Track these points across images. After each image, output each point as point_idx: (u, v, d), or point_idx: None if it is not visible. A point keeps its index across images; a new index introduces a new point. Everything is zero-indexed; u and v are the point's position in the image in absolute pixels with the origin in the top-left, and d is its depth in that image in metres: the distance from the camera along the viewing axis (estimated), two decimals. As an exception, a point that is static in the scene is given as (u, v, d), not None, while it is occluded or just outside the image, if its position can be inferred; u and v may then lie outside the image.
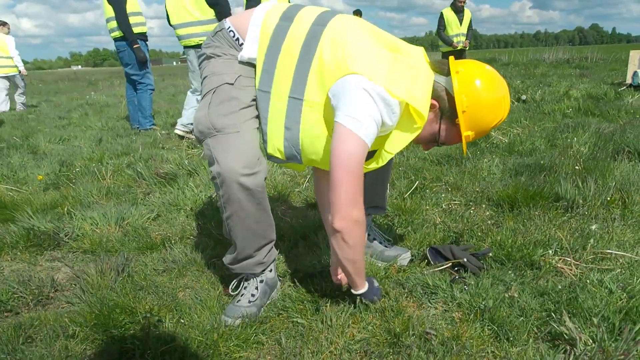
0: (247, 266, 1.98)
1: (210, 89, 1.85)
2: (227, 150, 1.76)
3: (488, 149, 4.43)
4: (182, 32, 5.50)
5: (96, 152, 5.13)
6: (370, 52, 1.66)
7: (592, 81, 10.01)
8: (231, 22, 1.90)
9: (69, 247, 2.70)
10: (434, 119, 1.77)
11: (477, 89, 1.69)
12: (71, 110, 9.85)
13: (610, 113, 5.90)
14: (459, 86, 1.69)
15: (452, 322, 1.83)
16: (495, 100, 1.71)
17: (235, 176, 1.73)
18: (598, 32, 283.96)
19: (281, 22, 1.81)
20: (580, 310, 1.78)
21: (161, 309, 1.97)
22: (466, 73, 1.70)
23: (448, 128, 1.78)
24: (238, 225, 1.87)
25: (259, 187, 1.80)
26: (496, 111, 1.72)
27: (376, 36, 1.74)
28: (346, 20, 1.77)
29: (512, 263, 2.21)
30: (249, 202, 1.80)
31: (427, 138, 1.83)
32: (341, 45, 1.66)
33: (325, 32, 1.71)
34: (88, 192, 3.55)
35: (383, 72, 1.62)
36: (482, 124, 1.74)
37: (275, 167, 4.01)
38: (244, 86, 1.84)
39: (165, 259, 2.46)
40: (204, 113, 1.83)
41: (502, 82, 1.75)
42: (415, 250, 2.42)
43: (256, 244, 1.93)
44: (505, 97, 1.74)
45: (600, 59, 17.06)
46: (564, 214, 2.76)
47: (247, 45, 1.84)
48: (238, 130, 1.79)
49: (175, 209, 3.23)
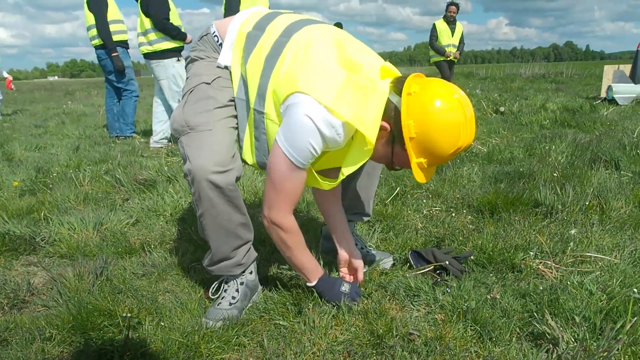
0: (225, 268, 1.96)
1: (189, 89, 1.89)
2: (199, 147, 1.77)
3: (468, 157, 4.47)
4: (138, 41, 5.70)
5: (73, 159, 5.04)
6: (323, 69, 1.62)
7: (568, 95, 10.22)
8: (216, 26, 1.93)
9: (46, 252, 2.64)
10: (387, 141, 1.68)
11: (427, 115, 1.55)
12: (47, 119, 9.68)
13: (587, 125, 6.01)
14: (407, 111, 1.57)
15: (435, 323, 1.83)
16: (451, 128, 1.55)
17: (204, 174, 1.73)
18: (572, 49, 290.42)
19: (254, 31, 1.82)
20: (562, 311, 1.79)
21: (141, 311, 1.93)
22: (420, 95, 1.57)
23: (400, 152, 1.66)
24: (210, 223, 1.86)
25: (230, 185, 1.79)
26: (452, 140, 1.57)
27: (339, 51, 1.69)
28: (312, 33, 1.75)
29: (494, 266, 2.23)
30: (219, 200, 1.79)
31: (383, 159, 1.76)
32: (297, 60, 1.66)
33: (288, 45, 1.71)
34: (65, 197, 3.49)
35: (331, 92, 1.57)
36: (436, 151, 1.59)
37: (256, 174, 3.98)
38: (221, 87, 1.86)
39: (144, 263, 2.42)
40: (179, 111, 1.85)
41: (463, 108, 1.56)
42: (398, 254, 2.42)
43: (231, 244, 1.91)
44: (466, 124, 1.56)
45: (575, 74, 17.44)
46: (544, 219, 2.79)
47: (223, 52, 1.88)
48: (211, 129, 1.80)
49: (155, 215, 3.18)
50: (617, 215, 2.79)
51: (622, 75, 9.44)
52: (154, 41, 5.59)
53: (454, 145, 1.57)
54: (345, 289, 1.93)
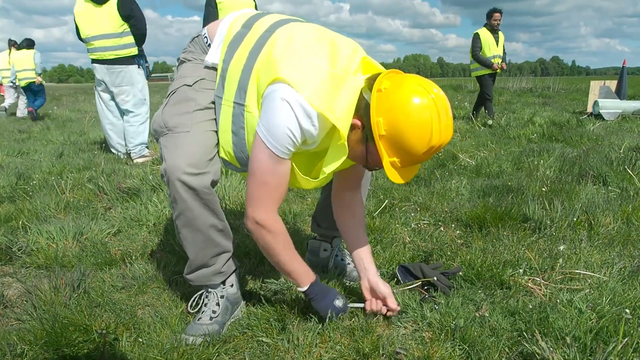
0: (204, 276, 1.91)
1: (171, 90, 1.90)
2: (175, 148, 1.76)
3: (456, 170, 4.46)
4: (93, 44, 5.38)
5: (56, 165, 4.95)
6: (304, 60, 1.61)
7: (555, 109, 10.31)
8: (207, 28, 1.94)
9: (22, 262, 2.56)
10: (360, 139, 1.64)
11: (396, 112, 1.50)
12: (32, 124, 9.55)
13: (574, 139, 6.04)
14: (377, 107, 1.53)
15: (422, 341, 1.78)
16: (420, 126, 1.49)
17: (177, 174, 1.71)
18: (559, 64, 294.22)
19: (241, 30, 1.82)
20: (552, 330, 1.75)
21: (118, 326, 1.86)
22: (389, 92, 1.53)
23: (373, 151, 1.61)
24: (186, 226, 1.82)
25: (205, 188, 1.76)
26: (422, 137, 1.50)
27: (320, 45, 1.68)
28: (296, 28, 1.74)
29: (482, 282, 2.19)
30: (195, 203, 1.76)
31: (359, 159, 1.71)
32: (280, 50, 1.64)
33: (272, 38, 1.71)
34: (45, 205, 3.40)
35: (310, 82, 1.55)
36: (407, 150, 1.54)
37: (242, 184, 3.93)
38: (203, 89, 1.86)
39: (124, 275, 2.35)
40: (159, 112, 1.87)
41: (436, 106, 1.50)
42: (385, 269, 2.37)
43: (209, 250, 1.87)
44: (436, 121, 1.50)
45: (561, 89, 17.66)
46: (532, 234, 2.76)
47: (211, 51, 1.88)
48: (188, 130, 1.79)
49: (137, 225, 3.11)
50: (605, 232, 2.77)
51: (608, 91, 9.55)
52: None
53: (426, 144, 1.52)
54: (338, 304, 1.85)
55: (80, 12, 5.31)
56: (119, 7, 5.22)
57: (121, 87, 5.54)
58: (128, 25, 5.35)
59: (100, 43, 5.35)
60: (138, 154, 5.68)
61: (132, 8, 5.30)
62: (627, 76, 9.79)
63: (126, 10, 5.25)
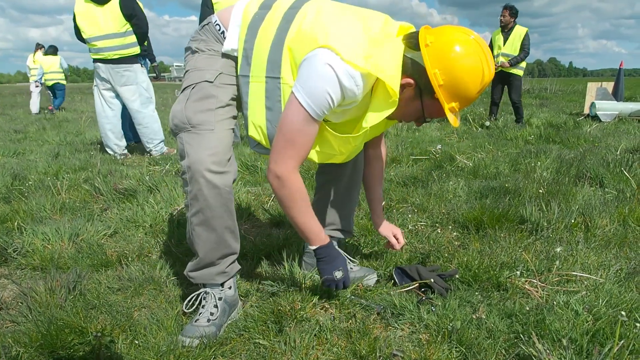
0: (209, 275, 1.92)
1: (190, 84, 1.86)
2: (199, 145, 1.77)
3: (453, 172, 4.46)
4: (96, 45, 5.41)
5: (52, 166, 4.93)
6: (340, 25, 1.65)
7: (552, 111, 10.34)
8: (218, 15, 1.92)
9: (18, 264, 2.54)
10: (414, 96, 1.72)
11: (450, 61, 1.60)
12: (28, 124, 9.51)
13: (571, 141, 6.06)
14: (430, 61, 1.62)
15: (419, 343, 1.78)
16: (473, 68, 1.62)
17: (203, 170, 1.74)
18: (556, 66, 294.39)
19: (260, 11, 1.83)
20: (548, 332, 1.75)
21: (114, 328, 1.85)
22: (436, 45, 1.62)
23: (430, 103, 1.71)
24: (202, 225, 1.83)
25: (227, 186, 1.79)
26: (477, 78, 1.63)
27: (352, 12, 1.73)
28: (322, 2, 1.77)
29: (479, 284, 2.19)
30: (216, 201, 1.78)
31: (414, 115, 1.80)
32: (312, 21, 1.67)
33: (300, 13, 1.72)
34: (41, 206, 3.39)
35: (350, 45, 1.60)
36: (465, 93, 1.65)
37: (239, 186, 3.92)
38: (223, 84, 1.86)
39: (120, 276, 2.33)
40: (181, 107, 1.84)
41: (478, 45, 1.63)
42: (382, 270, 2.37)
43: (220, 251, 1.89)
44: (484, 60, 1.63)
45: (558, 90, 17.68)
46: (529, 236, 2.76)
47: (229, 36, 1.87)
48: (212, 129, 1.80)
49: (134, 226, 3.09)
50: (602, 233, 2.78)
51: (605, 92, 9.58)
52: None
53: (481, 82, 1.64)
54: (338, 275, 1.89)
55: (81, 12, 5.31)
56: (121, 6, 5.25)
57: (127, 86, 5.59)
58: (130, 24, 5.36)
59: (104, 43, 5.38)
60: (159, 151, 5.85)
61: (134, 7, 5.33)
62: (624, 78, 9.83)
63: (128, 9, 5.28)
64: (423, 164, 4.84)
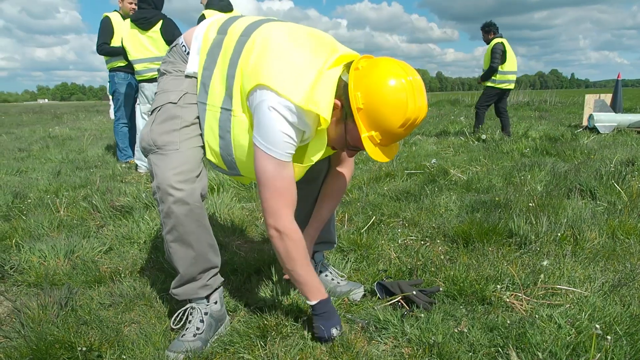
0: (192, 290, 1.95)
1: (156, 106, 1.93)
2: (166, 165, 1.81)
3: (446, 186, 4.49)
4: (140, 67, 5.70)
5: (53, 184, 4.99)
6: (282, 61, 1.67)
7: (550, 123, 10.37)
8: (184, 36, 1.98)
9: (14, 281, 2.59)
10: (340, 119, 1.73)
11: (372, 85, 1.60)
12: (32, 143, 9.60)
13: (567, 153, 6.08)
14: (354, 83, 1.64)
15: (401, 357, 1.80)
16: (396, 99, 1.59)
17: (169, 189, 1.78)
18: (557, 77, 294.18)
19: (218, 36, 1.87)
20: (528, 346, 1.78)
21: (102, 343, 1.89)
22: (366, 69, 1.64)
23: (352, 128, 1.70)
24: (177, 241, 1.87)
25: (196, 202, 1.83)
26: (398, 110, 1.60)
27: (296, 43, 1.74)
28: (270, 29, 1.79)
29: (464, 298, 2.21)
30: (187, 218, 1.82)
31: (339, 141, 1.81)
32: (257, 54, 1.70)
33: (248, 43, 1.76)
34: (39, 224, 3.44)
35: (289, 81, 1.63)
36: (384, 124, 1.63)
37: (234, 201, 3.97)
38: (188, 104, 1.90)
39: (112, 292, 2.38)
40: (147, 130, 1.90)
41: (410, 83, 1.60)
42: (369, 285, 2.40)
43: (199, 266, 1.92)
44: (414, 95, 1.60)
45: (558, 102, 17.72)
46: (517, 249, 2.79)
47: (190, 60, 1.92)
48: (177, 148, 1.84)
49: (129, 242, 3.14)
50: (590, 246, 2.80)
51: (603, 104, 9.61)
52: None
53: (403, 116, 1.61)
54: (335, 333, 1.85)
55: (127, 37, 5.65)
56: (162, 32, 5.53)
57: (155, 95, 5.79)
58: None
59: (148, 65, 5.68)
60: None
61: (174, 33, 5.54)
62: (622, 89, 9.87)
63: (169, 35, 5.53)
64: (417, 178, 4.88)
